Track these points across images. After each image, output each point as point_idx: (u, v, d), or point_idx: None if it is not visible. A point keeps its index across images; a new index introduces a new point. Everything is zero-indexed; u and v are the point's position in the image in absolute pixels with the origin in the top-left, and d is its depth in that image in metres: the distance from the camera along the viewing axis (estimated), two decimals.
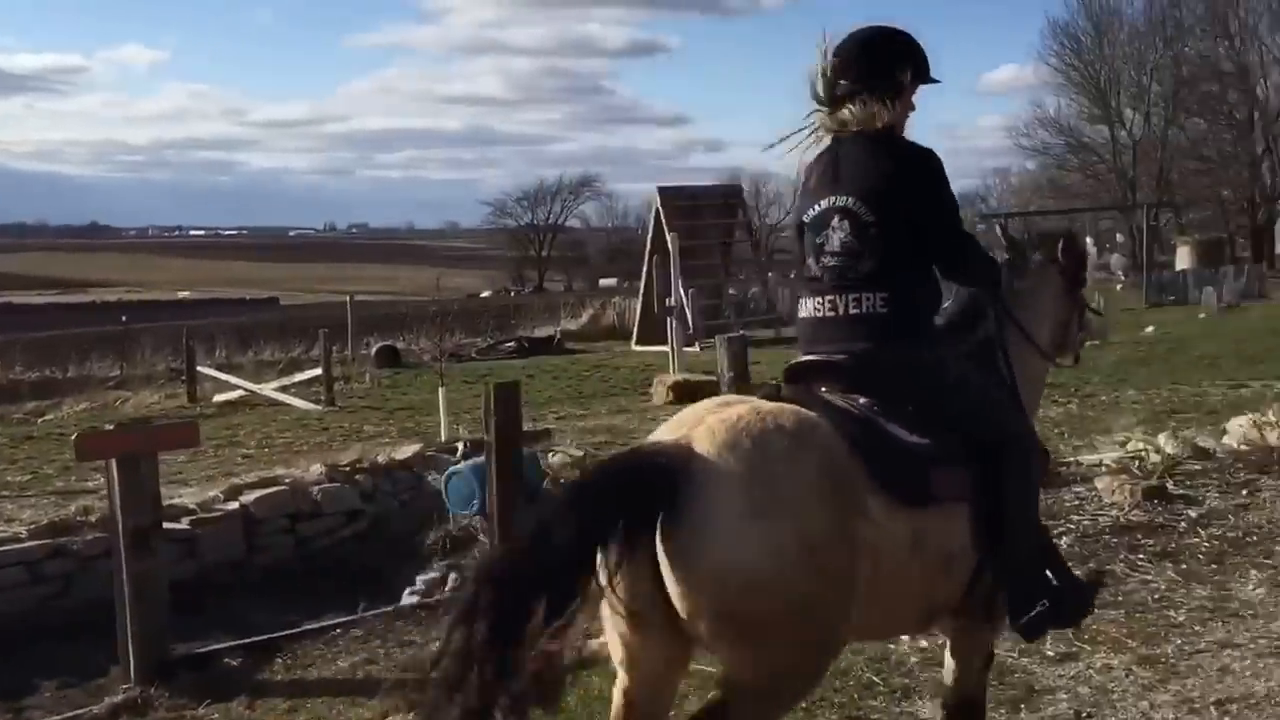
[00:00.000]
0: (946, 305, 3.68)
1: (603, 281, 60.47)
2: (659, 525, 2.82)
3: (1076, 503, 7.58)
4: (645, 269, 24.88)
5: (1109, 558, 6.43)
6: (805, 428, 3.04)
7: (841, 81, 3.44)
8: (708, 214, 27.23)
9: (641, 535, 2.81)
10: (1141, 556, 6.45)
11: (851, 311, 3.37)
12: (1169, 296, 32.09)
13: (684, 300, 19.47)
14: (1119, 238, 46.01)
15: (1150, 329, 25.50)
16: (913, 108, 3.53)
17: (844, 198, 3.39)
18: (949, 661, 3.71)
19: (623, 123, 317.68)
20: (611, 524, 2.79)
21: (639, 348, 23.49)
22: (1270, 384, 15.56)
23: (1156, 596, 5.83)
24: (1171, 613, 5.59)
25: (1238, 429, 10.78)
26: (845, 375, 3.38)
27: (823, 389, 3.37)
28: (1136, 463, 8.26)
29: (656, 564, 2.83)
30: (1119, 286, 35.26)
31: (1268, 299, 31.84)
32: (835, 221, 3.40)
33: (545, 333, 27.33)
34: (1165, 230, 46.77)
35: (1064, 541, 6.74)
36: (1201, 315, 27.71)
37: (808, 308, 3.49)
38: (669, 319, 18.07)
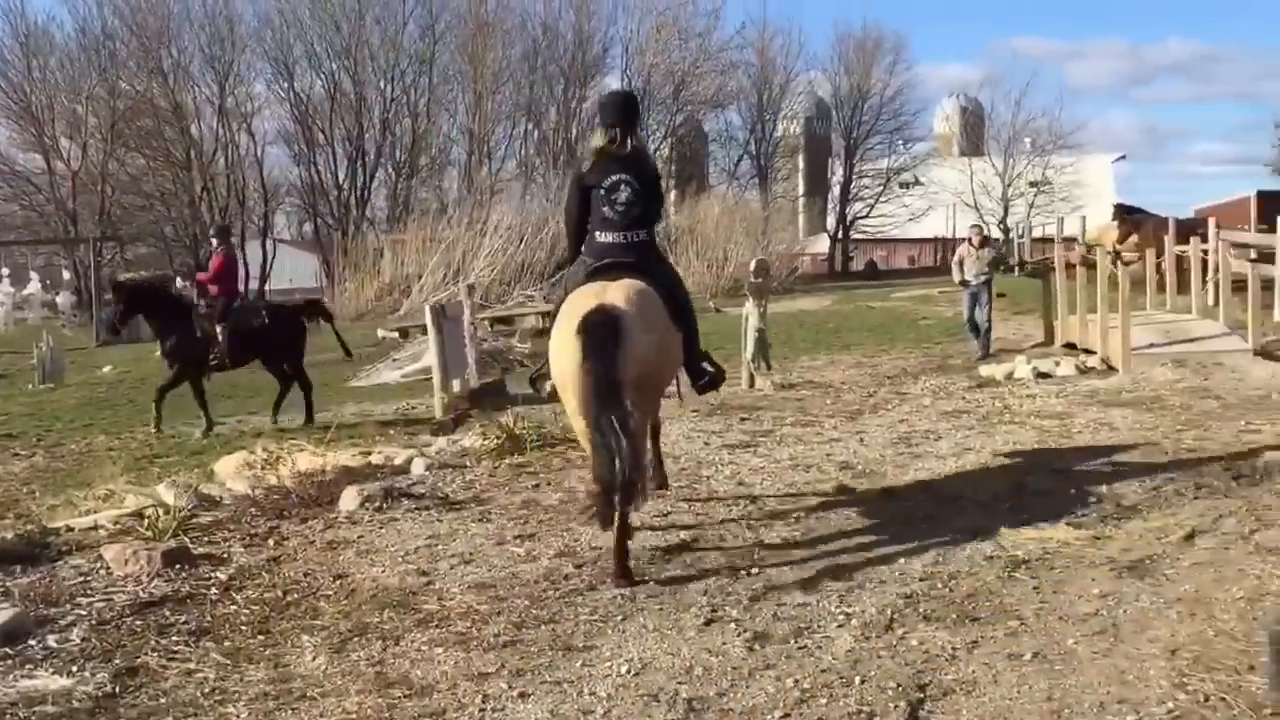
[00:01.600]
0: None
1: None
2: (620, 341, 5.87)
3: (81, 580, 6.17)
4: None
5: (138, 647, 5.18)
6: (649, 290, 6.28)
7: (622, 122, 6.61)
8: None
9: (617, 347, 5.83)
10: (177, 639, 5.29)
11: (633, 239, 6.51)
12: (124, 334, 31.09)
13: None
14: (66, 275, 43.90)
15: (108, 368, 24.22)
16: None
17: (625, 174, 6.46)
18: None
19: None
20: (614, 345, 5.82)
21: None
22: (245, 419, 15.37)
23: (208, 689, 4.73)
24: (231, 708, 4.55)
25: (233, 470, 10.13)
26: (635, 269, 6.40)
27: (628, 275, 6.33)
28: (144, 522, 7.09)
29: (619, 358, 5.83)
30: (65, 327, 33.49)
31: None
32: (623, 186, 6.44)
33: None
34: (112, 266, 45.57)
35: (75, 634, 5.35)
36: (156, 354, 27.16)
37: (604, 236, 6.50)
38: None
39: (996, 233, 55.93)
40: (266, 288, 51.73)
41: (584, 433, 5.99)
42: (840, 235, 60.20)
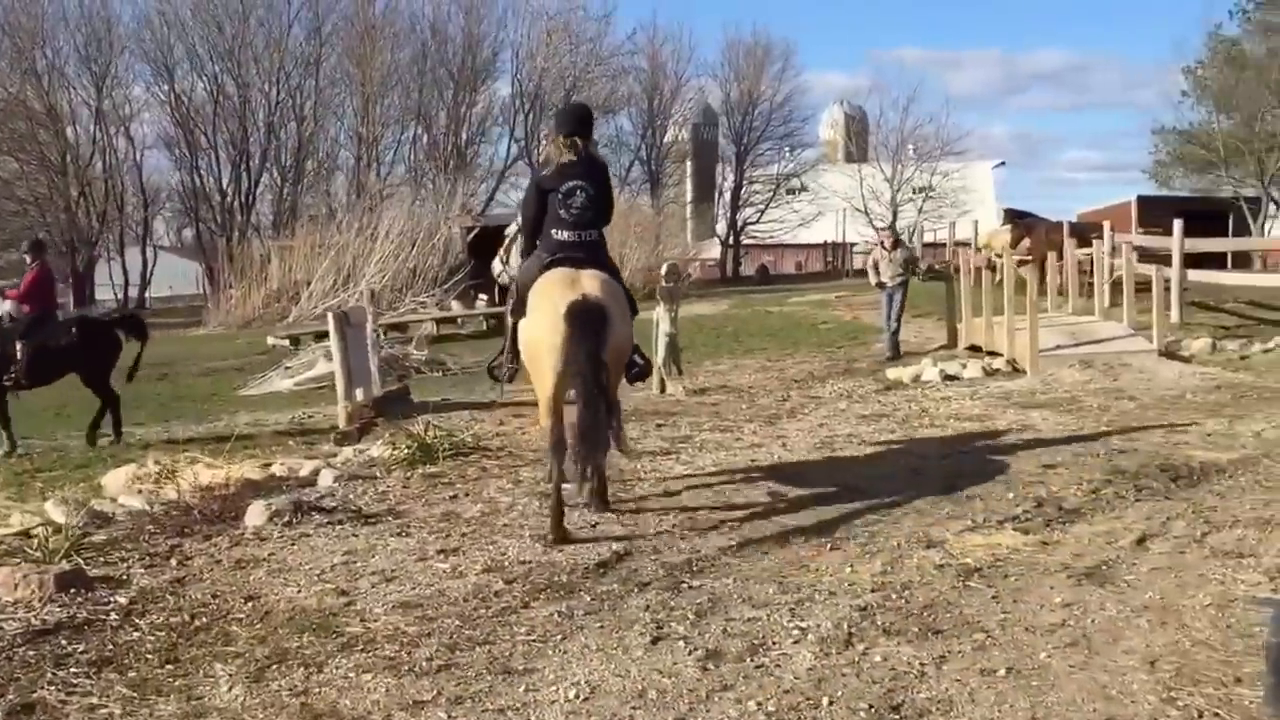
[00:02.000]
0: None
1: None
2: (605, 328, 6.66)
3: None
4: None
5: (33, 681, 4.70)
6: (614, 281, 7.09)
7: (578, 132, 7.22)
8: None
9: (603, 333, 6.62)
10: (76, 670, 4.81)
11: (585, 238, 7.12)
12: None
13: None
14: None
15: None
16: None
17: (581, 180, 7.07)
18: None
19: None
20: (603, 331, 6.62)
21: None
22: (129, 431, 14.62)
23: None
24: None
25: (123, 484, 9.57)
26: (587, 263, 7.00)
27: (584, 268, 6.96)
28: (33, 542, 6.55)
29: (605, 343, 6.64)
30: None
31: None
32: (579, 192, 7.05)
33: None
34: None
35: None
36: None
37: (559, 234, 7.08)
38: None
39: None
40: (146, 295, 50.13)
41: (548, 404, 6.85)
42: (731, 241, 60.43)
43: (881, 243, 17.81)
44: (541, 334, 6.77)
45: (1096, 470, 7.67)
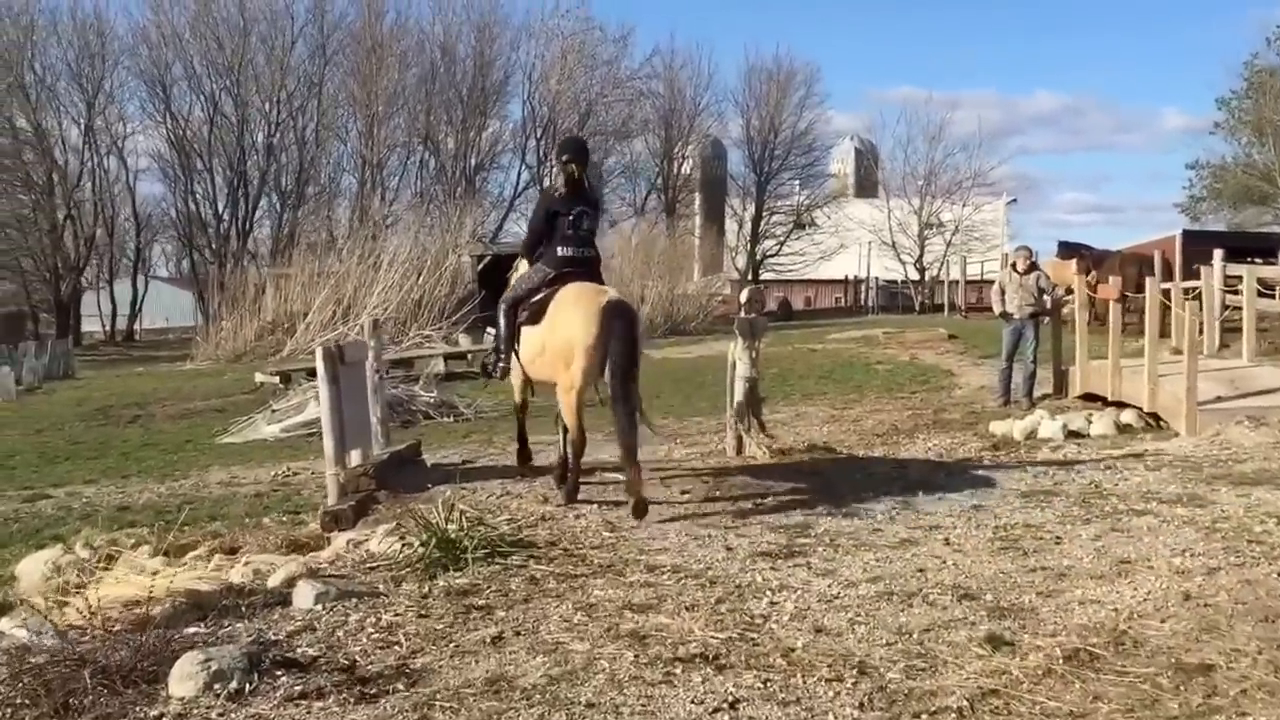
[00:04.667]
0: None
1: None
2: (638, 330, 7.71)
3: None
4: None
5: None
6: (624, 293, 8.69)
7: (577, 160, 8.24)
8: None
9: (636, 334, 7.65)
10: None
11: (588, 255, 8.17)
12: None
13: None
14: None
15: None
16: None
17: (586, 206, 8.15)
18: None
19: None
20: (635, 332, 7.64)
21: None
22: (78, 490, 12.03)
23: None
24: None
25: (39, 580, 7.04)
26: (587, 277, 8.00)
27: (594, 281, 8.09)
28: None
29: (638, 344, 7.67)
30: None
31: (75, 378, 28.55)
32: (585, 216, 8.09)
33: None
34: None
35: None
36: None
37: (565, 251, 8.03)
38: None
39: (913, 273, 54.17)
40: (136, 326, 47.54)
41: (572, 407, 7.69)
42: (750, 275, 57.82)
43: (1013, 265, 15.06)
44: (574, 334, 7.56)
45: None
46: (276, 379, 21.52)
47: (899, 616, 5.26)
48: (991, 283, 16.14)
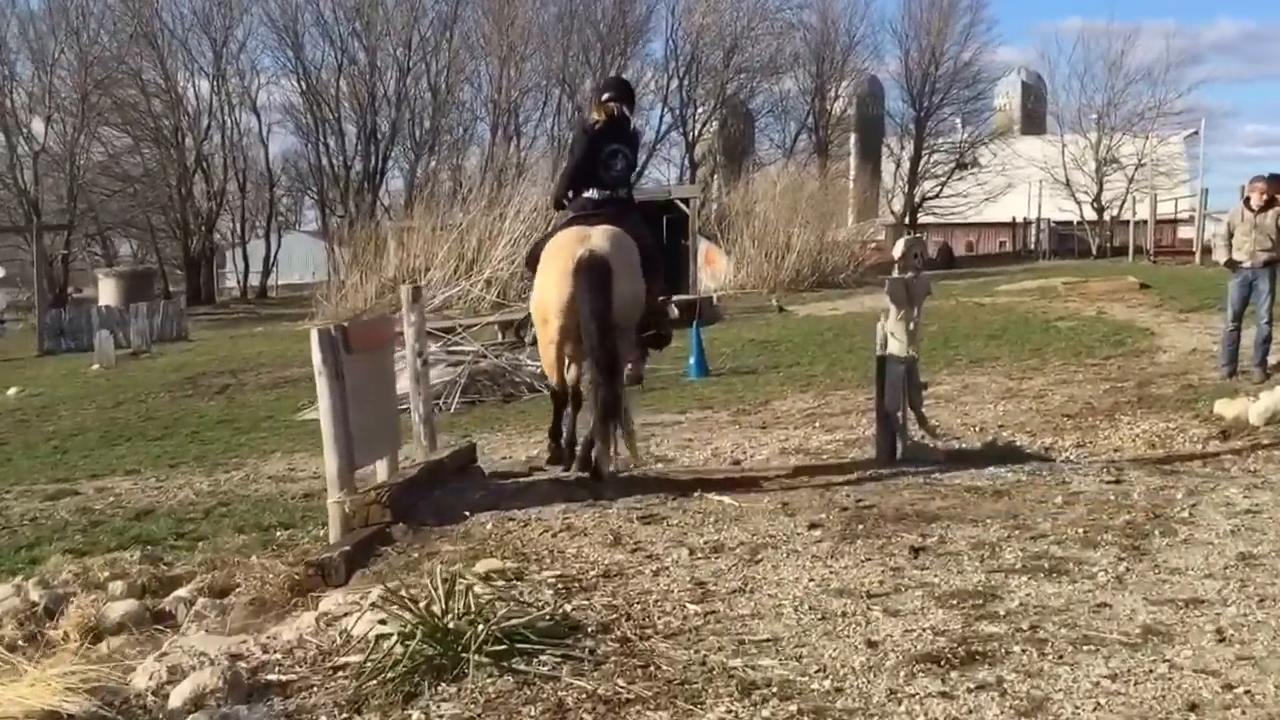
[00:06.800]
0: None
1: None
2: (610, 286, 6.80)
3: None
4: None
5: None
6: (625, 236, 7.05)
7: (620, 99, 7.54)
8: None
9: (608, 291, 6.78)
10: None
11: (615, 197, 7.40)
12: (70, 342, 26.20)
13: None
14: (34, 269, 38.69)
15: (13, 390, 19.18)
16: None
17: (623, 145, 7.41)
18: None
19: None
20: (607, 289, 6.78)
21: None
22: (112, 485, 10.39)
23: None
24: None
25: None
26: (616, 219, 7.19)
27: (605, 223, 7.12)
28: None
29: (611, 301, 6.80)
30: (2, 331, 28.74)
31: (187, 339, 27.41)
32: (619, 155, 7.35)
33: None
34: (82, 259, 40.57)
35: None
36: (95, 366, 22.21)
37: (592, 193, 7.35)
38: None
39: (1090, 214, 50.06)
40: (273, 282, 46.90)
41: (552, 364, 7.29)
42: (908, 219, 54.37)
43: (1246, 200, 12.16)
44: (548, 295, 7.06)
45: None
46: None
47: None
48: (1183, 221, 13.16)
